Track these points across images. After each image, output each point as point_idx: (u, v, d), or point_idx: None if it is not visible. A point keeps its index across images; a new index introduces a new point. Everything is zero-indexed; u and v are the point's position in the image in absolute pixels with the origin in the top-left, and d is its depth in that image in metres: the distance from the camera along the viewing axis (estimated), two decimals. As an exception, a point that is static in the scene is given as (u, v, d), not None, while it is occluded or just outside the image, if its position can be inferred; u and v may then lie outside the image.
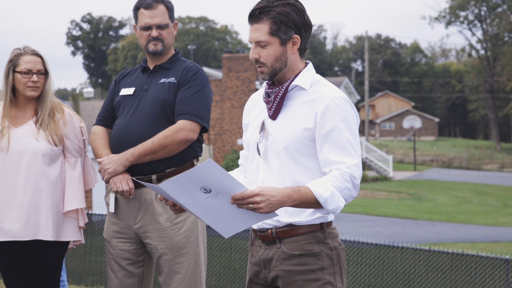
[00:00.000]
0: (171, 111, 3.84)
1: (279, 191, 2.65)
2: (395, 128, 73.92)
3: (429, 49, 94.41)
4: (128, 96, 3.92)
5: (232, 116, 33.61)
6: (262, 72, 2.88)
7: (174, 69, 3.93)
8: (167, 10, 3.93)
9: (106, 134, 3.95)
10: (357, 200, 28.09)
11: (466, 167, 49.66)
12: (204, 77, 3.91)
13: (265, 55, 2.85)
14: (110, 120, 3.99)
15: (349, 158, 2.77)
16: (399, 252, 11.24)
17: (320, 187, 2.68)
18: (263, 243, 2.94)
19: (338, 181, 2.71)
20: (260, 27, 2.84)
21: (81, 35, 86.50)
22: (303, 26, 2.86)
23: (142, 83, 3.93)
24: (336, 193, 2.70)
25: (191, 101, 3.81)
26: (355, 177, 2.75)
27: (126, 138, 3.83)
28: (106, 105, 4.03)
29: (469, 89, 76.45)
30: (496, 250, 15.88)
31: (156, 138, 3.76)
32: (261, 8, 2.83)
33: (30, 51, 3.85)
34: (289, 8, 2.83)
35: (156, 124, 3.81)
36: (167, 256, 3.83)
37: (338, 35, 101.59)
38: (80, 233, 3.92)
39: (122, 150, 3.81)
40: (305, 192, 2.68)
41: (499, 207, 28.44)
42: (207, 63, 72.93)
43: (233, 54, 35.67)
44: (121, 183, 3.78)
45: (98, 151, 3.89)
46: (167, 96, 3.84)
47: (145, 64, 4.00)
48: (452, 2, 68.86)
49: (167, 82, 3.87)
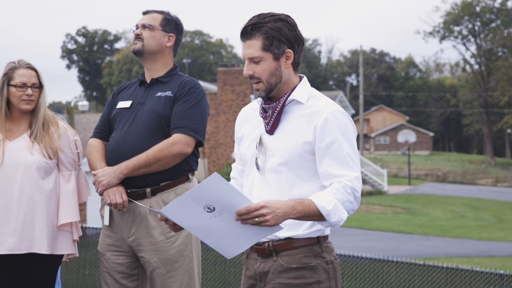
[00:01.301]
0: (167, 125, 3.83)
1: (283, 203, 2.66)
2: (390, 142, 74.06)
3: (424, 63, 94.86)
4: (125, 109, 3.93)
5: (227, 129, 33.63)
6: (258, 89, 2.89)
7: (171, 83, 3.93)
8: (162, 19, 3.97)
9: (102, 146, 3.95)
10: (352, 214, 28.02)
11: (460, 181, 49.74)
12: (201, 92, 3.91)
13: (259, 71, 2.86)
14: (106, 133, 3.99)
15: (349, 171, 2.79)
16: (394, 266, 11.22)
17: (323, 200, 2.70)
18: (259, 256, 2.94)
19: (340, 193, 2.74)
20: (252, 43, 2.85)
21: (76, 49, 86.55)
22: (296, 41, 2.88)
23: (139, 96, 3.95)
24: (339, 205, 2.72)
25: (186, 115, 3.81)
26: (356, 189, 2.77)
27: (121, 151, 3.83)
28: (104, 118, 4.04)
29: (463, 103, 76.70)
30: (491, 265, 15.87)
31: (151, 151, 3.75)
32: (253, 25, 2.85)
33: (25, 65, 3.85)
34: (281, 23, 2.85)
35: (151, 137, 3.81)
36: (161, 270, 3.81)
37: (333, 49, 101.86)
38: (74, 247, 3.91)
39: (117, 163, 3.81)
40: (308, 204, 2.69)
41: (494, 222, 28.46)
42: (202, 77, 73.04)
43: (228, 68, 35.74)
44: (114, 195, 3.77)
45: (94, 163, 3.89)
46: (163, 109, 3.84)
47: (142, 77, 4.01)
48: (446, 17, 69.22)
49: (163, 96, 3.88)
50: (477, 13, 68.14)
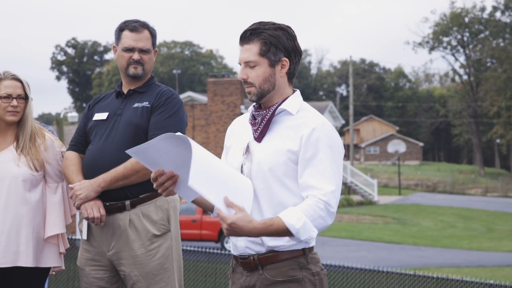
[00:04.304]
0: (145, 135, 3.76)
1: (250, 228, 2.65)
2: (380, 152, 74.23)
3: (413, 74, 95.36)
4: (101, 121, 3.85)
5: (218, 140, 33.61)
6: (250, 93, 2.90)
7: (148, 94, 3.87)
8: (151, 36, 3.91)
9: (78, 159, 3.86)
10: (342, 224, 28.07)
11: (450, 191, 49.89)
12: (178, 101, 3.85)
13: (253, 76, 2.87)
14: (83, 145, 3.91)
15: (326, 185, 2.76)
16: (384, 276, 11.21)
17: (292, 218, 2.68)
18: (244, 270, 2.92)
19: (311, 209, 2.71)
20: (250, 48, 2.87)
21: (66, 60, 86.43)
22: (293, 51, 2.90)
23: (115, 107, 3.87)
24: (308, 223, 2.70)
25: (164, 125, 3.74)
26: (330, 205, 2.74)
27: (98, 163, 3.75)
28: (79, 130, 3.96)
29: (453, 114, 77.07)
30: (481, 275, 15.88)
31: (129, 163, 3.68)
32: (253, 30, 2.88)
33: (10, 76, 3.83)
34: (280, 32, 2.87)
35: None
36: (141, 283, 3.73)
37: (323, 60, 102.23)
38: (60, 259, 3.87)
39: (94, 176, 3.73)
40: (277, 225, 2.67)
41: (483, 232, 28.52)
42: (192, 88, 73.05)
43: (218, 78, 35.77)
44: (92, 209, 3.69)
45: (70, 177, 3.80)
46: (140, 120, 3.77)
47: (119, 88, 3.94)
48: (436, 27, 69.66)
49: (140, 107, 3.81)
50: (466, 24, 68.60)
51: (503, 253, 22.60)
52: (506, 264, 19.83)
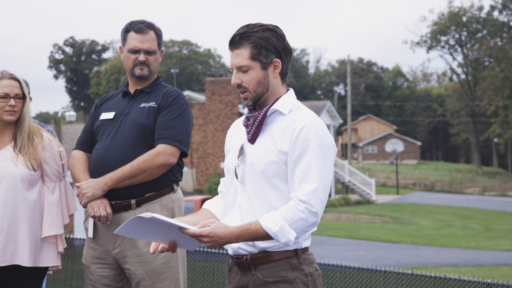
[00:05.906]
0: (151, 135, 3.81)
1: (228, 232, 2.72)
2: (378, 151, 74.28)
3: (411, 73, 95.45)
4: (108, 120, 3.90)
5: (215, 139, 33.61)
6: (246, 98, 2.90)
7: (154, 94, 3.91)
8: (156, 37, 3.94)
9: (85, 158, 3.92)
10: (340, 223, 28.09)
11: (448, 190, 49.92)
12: (185, 102, 3.90)
13: (247, 80, 2.87)
14: (89, 145, 3.96)
15: (308, 184, 2.76)
16: (382, 276, 11.21)
17: (270, 222, 2.72)
18: (239, 270, 2.93)
19: (290, 212, 2.74)
20: (241, 53, 2.87)
21: (64, 59, 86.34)
22: (284, 51, 2.90)
23: (122, 107, 3.92)
24: (285, 226, 2.72)
25: (171, 126, 3.79)
26: (311, 204, 2.74)
27: (105, 162, 3.80)
28: (86, 130, 4.01)
29: (451, 113, 77.11)
30: (478, 274, 15.90)
31: (135, 162, 3.73)
32: (241, 34, 2.87)
33: (8, 75, 3.83)
34: (269, 33, 2.87)
35: (135, 148, 3.79)
36: (146, 281, 3.78)
37: (321, 59, 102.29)
38: (58, 259, 3.88)
39: (101, 175, 3.78)
40: (255, 229, 2.72)
41: (481, 231, 28.54)
42: (190, 87, 73.02)
43: (216, 77, 35.78)
44: (98, 208, 3.75)
45: (77, 175, 3.86)
46: (147, 120, 3.82)
47: (126, 88, 3.99)
48: (433, 27, 69.66)
49: (147, 107, 3.86)
50: (463, 23, 68.60)
51: (500, 252, 22.62)
52: (503, 263, 19.86)
